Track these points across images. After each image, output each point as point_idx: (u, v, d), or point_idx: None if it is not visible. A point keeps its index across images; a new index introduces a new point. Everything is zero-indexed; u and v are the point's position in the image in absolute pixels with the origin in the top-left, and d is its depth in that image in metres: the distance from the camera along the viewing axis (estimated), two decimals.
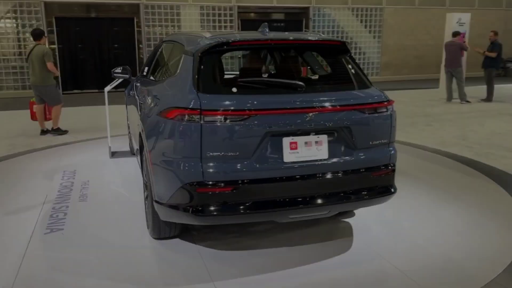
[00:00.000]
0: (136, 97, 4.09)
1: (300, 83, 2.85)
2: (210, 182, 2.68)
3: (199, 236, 3.45)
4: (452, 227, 3.67)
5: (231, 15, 15.69)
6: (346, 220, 3.79)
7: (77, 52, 14.70)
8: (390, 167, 3.10)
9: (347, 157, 2.93)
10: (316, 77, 3.30)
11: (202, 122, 2.62)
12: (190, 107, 2.66)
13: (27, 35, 13.55)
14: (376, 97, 3.02)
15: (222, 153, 2.66)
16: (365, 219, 3.81)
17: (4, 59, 13.68)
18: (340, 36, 17.45)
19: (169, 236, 3.35)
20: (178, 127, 2.67)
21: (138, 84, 4.35)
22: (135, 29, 15.12)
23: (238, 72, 3.10)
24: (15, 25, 13.81)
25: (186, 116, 2.65)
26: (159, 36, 14.83)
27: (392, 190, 3.14)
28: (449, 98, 11.37)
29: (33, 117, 7.73)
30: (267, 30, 3.30)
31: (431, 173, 5.21)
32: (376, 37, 18.14)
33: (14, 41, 13.82)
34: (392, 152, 3.13)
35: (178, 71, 3.08)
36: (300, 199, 2.82)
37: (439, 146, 6.67)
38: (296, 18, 17.67)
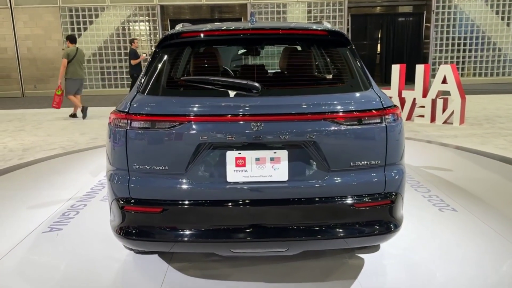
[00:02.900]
0: None
1: (255, 84, 2.23)
2: (137, 200, 2.26)
3: (179, 255, 3.05)
4: None
5: (340, 10, 14.87)
6: (361, 255, 3.02)
7: None
8: (385, 197, 2.30)
9: (314, 181, 2.23)
10: (291, 76, 2.62)
11: (127, 128, 2.23)
12: (120, 110, 2.29)
13: (144, 36, 14.65)
14: (364, 103, 2.25)
15: (150, 165, 2.22)
16: (386, 257, 2.99)
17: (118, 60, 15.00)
18: (470, 30, 15.30)
19: (144, 252, 3.02)
20: (110, 133, 2.32)
21: None
22: None
23: (203, 71, 2.60)
24: (137, 27, 15.01)
25: (116, 121, 2.29)
26: None
27: (392, 227, 2.33)
28: None
29: (58, 105, 9.54)
30: (254, 19, 2.74)
31: None
32: None
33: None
34: (393, 177, 2.32)
35: None
36: (246, 230, 2.23)
37: None
38: (415, 11, 16.00)
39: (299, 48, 2.84)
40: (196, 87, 2.33)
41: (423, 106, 8.33)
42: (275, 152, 2.20)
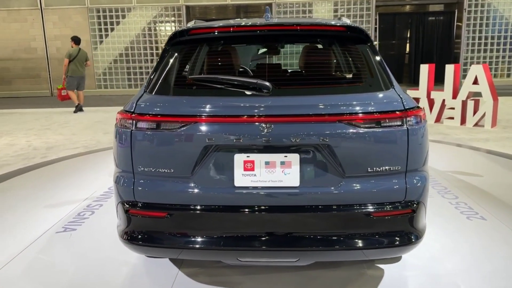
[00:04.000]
0: None
1: (266, 83, 2.10)
2: (141, 204, 2.17)
3: (190, 260, 2.95)
4: None
5: (368, 9, 14.54)
6: (381, 265, 2.84)
7: None
8: (406, 206, 2.12)
9: (328, 187, 2.08)
10: (306, 75, 2.47)
11: (133, 128, 2.14)
12: (126, 110, 2.21)
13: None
14: (383, 104, 2.08)
15: (155, 168, 2.13)
16: (408, 268, 2.80)
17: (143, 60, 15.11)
18: (504, 29, 14.70)
19: (155, 256, 2.93)
20: (116, 134, 2.25)
21: None
22: None
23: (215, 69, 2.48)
24: (163, 28, 15.10)
25: (122, 121, 2.21)
26: None
27: (413, 238, 2.15)
28: None
29: (64, 98, 10.86)
30: (269, 15, 2.62)
31: None
32: None
33: (157, 42, 15.11)
34: (414, 184, 2.15)
35: None
36: (254, 238, 2.10)
37: None
38: (446, 10, 15.50)
39: (315, 45, 2.69)
40: (205, 86, 2.23)
41: (453, 108, 8.00)
42: (286, 156, 2.06)
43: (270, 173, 2.07)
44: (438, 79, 8.60)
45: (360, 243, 2.09)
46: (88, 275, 2.84)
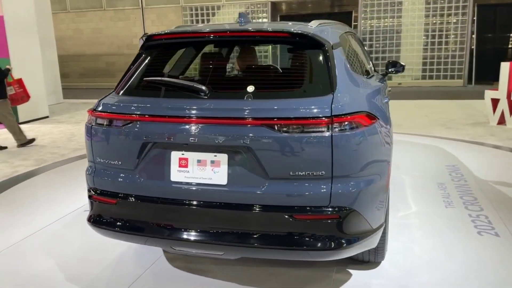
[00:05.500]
0: None
1: (201, 87, 2.22)
2: (98, 191, 2.46)
3: None
4: None
5: (464, 0, 13.39)
6: (352, 270, 2.79)
7: None
8: (332, 212, 2.09)
9: (253, 188, 2.14)
10: (247, 79, 2.49)
11: (93, 124, 2.43)
12: (92, 108, 2.50)
13: None
14: (308, 110, 2.05)
15: (107, 160, 2.39)
16: (380, 276, 2.73)
17: None
18: None
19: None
20: (85, 129, 2.54)
21: None
22: (352, 23, 14.78)
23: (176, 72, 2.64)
24: None
25: (89, 118, 2.51)
26: (376, 29, 14.07)
27: (343, 243, 2.12)
28: None
29: None
30: (243, 20, 2.71)
31: None
32: None
33: None
34: (347, 190, 2.10)
35: None
36: (184, 230, 2.24)
37: None
38: None
39: (258, 50, 2.72)
40: (155, 88, 2.42)
41: None
42: (215, 156, 2.17)
43: (201, 170, 2.20)
44: None
45: (282, 243, 2.12)
46: (88, 249, 3.23)
